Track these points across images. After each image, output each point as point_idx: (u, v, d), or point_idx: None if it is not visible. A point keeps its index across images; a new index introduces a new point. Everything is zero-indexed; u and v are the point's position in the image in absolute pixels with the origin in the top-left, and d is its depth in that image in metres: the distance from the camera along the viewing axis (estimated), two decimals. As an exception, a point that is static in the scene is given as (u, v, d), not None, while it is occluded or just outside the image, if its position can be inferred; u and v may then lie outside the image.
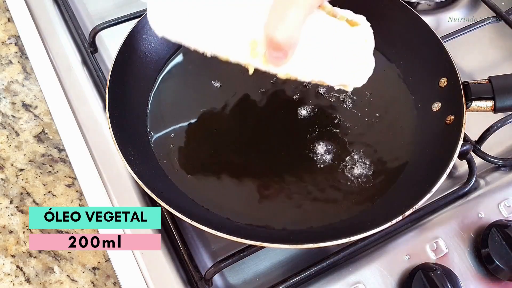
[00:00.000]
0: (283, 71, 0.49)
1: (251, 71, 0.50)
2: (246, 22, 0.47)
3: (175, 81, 0.66)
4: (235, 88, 0.65)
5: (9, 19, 0.78)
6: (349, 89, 0.53)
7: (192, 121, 0.62)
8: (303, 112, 0.63)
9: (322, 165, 0.58)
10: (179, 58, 0.67)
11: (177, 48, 0.68)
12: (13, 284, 0.56)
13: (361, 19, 0.52)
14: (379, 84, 0.64)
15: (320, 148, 0.59)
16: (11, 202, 0.62)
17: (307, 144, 0.60)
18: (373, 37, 0.52)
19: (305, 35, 0.47)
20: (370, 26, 0.69)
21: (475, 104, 0.56)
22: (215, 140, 0.60)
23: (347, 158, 0.59)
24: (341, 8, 0.66)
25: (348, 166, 0.58)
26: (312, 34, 0.48)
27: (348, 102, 0.64)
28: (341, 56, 0.50)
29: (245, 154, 0.59)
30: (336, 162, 0.58)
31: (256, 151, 0.60)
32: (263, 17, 0.45)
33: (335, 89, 0.55)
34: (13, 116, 0.69)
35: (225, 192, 0.56)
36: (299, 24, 0.45)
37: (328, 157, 0.59)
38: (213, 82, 0.65)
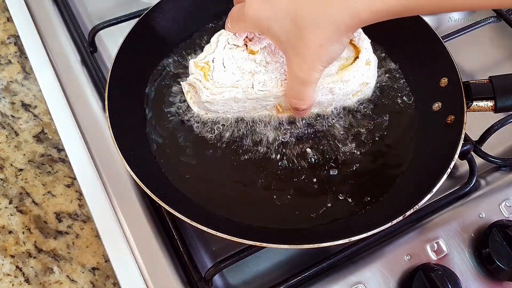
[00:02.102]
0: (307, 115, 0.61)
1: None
2: (270, 99, 0.58)
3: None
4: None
5: (9, 19, 0.78)
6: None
7: (192, 121, 0.62)
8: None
9: (322, 165, 0.58)
10: (179, 57, 0.67)
11: (177, 48, 0.67)
12: (13, 285, 0.56)
13: (365, 44, 0.60)
14: (380, 84, 0.64)
15: (320, 148, 0.59)
16: (10, 202, 0.62)
17: (307, 143, 0.60)
18: (374, 56, 0.61)
19: (321, 82, 0.57)
20: (371, 26, 0.69)
21: (475, 104, 0.56)
22: (214, 140, 0.60)
23: (347, 158, 0.59)
24: None
25: (348, 166, 0.58)
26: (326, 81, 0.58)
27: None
28: (353, 85, 0.59)
29: (245, 154, 0.59)
30: (336, 162, 0.58)
31: (257, 151, 0.60)
32: (282, 89, 0.56)
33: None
34: (13, 116, 0.69)
35: (224, 192, 0.56)
36: (314, 93, 0.54)
37: (327, 157, 0.59)
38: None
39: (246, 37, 0.59)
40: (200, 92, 0.57)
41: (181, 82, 0.61)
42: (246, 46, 0.59)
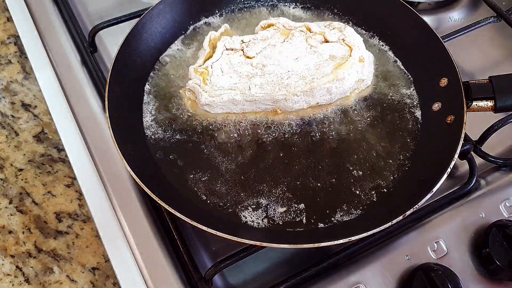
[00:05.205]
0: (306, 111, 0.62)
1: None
2: (268, 102, 0.60)
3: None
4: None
5: (9, 19, 0.78)
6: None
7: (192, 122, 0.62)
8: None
9: (321, 166, 0.58)
10: (179, 57, 0.67)
11: (177, 47, 0.67)
12: (13, 284, 0.56)
13: (357, 41, 0.62)
14: (380, 84, 0.64)
15: (320, 148, 0.59)
16: (10, 202, 0.62)
17: (308, 143, 0.60)
18: (368, 52, 0.63)
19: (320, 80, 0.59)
20: (371, 26, 0.69)
21: (475, 103, 0.56)
22: (214, 141, 0.60)
23: (347, 158, 0.58)
24: (343, 10, 0.70)
25: (348, 166, 0.58)
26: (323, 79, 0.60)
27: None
28: (349, 82, 0.60)
29: (244, 155, 0.59)
30: (336, 162, 0.58)
31: (256, 150, 0.60)
32: (280, 93, 0.59)
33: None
34: (13, 116, 0.69)
35: (224, 192, 0.56)
36: None
37: (327, 157, 0.59)
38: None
39: (242, 41, 0.61)
40: (200, 95, 0.58)
41: (180, 90, 0.62)
42: (243, 50, 0.61)
